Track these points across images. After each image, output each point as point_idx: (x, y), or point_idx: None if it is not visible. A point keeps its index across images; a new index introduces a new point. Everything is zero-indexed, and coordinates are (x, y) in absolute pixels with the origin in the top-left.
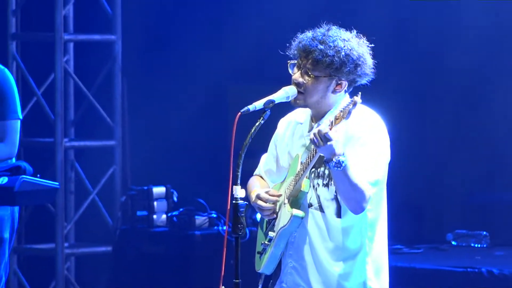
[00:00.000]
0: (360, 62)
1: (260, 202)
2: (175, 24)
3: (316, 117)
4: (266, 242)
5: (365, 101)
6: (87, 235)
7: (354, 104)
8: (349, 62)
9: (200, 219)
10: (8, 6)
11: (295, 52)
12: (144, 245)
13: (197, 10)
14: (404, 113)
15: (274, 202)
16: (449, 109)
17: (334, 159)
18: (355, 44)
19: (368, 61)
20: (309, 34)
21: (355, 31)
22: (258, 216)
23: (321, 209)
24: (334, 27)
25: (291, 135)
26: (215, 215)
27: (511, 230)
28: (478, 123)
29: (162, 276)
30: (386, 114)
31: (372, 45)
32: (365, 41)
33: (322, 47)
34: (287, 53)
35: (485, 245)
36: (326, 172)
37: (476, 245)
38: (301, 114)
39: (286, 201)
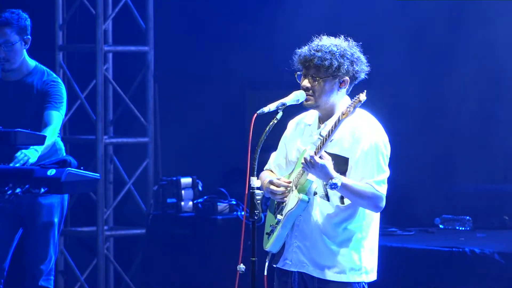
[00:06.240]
0: (354, 59)
1: (272, 187)
2: (200, 36)
3: (323, 118)
4: (275, 224)
5: (363, 105)
6: (124, 219)
7: (360, 101)
8: (345, 61)
9: (221, 206)
10: (55, 21)
11: (298, 64)
12: (173, 228)
13: (218, 25)
14: (401, 115)
15: (285, 187)
16: (431, 112)
17: (328, 182)
18: (345, 46)
19: (362, 58)
20: (305, 47)
21: (342, 36)
22: None
23: (327, 197)
24: (324, 37)
25: (300, 134)
26: (234, 202)
27: (491, 215)
28: (461, 124)
29: (189, 255)
30: (384, 117)
31: (360, 42)
32: (354, 42)
33: (319, 54)
34: (292, 68)
35: (468, 228)
36: None
37: (460, 228)
38: (309, 117)
39: (294, 188)
